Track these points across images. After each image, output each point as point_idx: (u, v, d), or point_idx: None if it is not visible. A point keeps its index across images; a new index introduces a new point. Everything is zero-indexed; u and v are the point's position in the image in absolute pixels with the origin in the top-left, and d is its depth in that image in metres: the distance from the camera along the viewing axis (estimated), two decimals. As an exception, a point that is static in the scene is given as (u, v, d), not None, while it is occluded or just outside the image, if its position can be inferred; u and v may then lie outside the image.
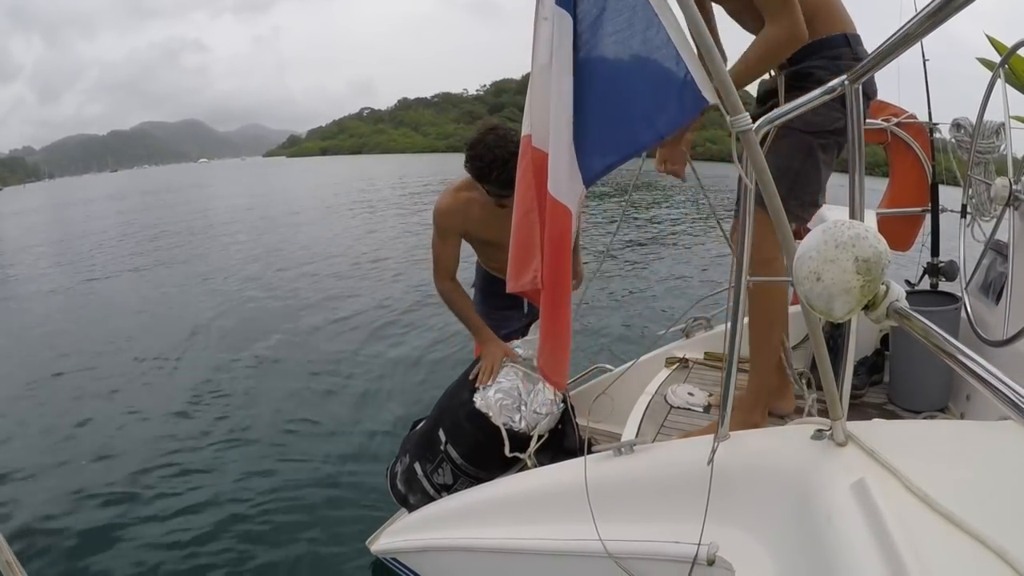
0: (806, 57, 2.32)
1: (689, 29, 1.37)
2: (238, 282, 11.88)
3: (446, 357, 7.20)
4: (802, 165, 2.38)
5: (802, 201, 2.44)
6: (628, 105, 1.65)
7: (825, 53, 2.30)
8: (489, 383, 2.77)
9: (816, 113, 2.29)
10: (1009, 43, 2.77)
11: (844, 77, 1.23)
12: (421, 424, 3.04)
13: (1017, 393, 0.67)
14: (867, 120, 3.54)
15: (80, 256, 17.01)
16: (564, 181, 1.77)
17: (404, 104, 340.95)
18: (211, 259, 14.87)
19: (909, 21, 0.98)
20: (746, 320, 2.67)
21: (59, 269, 15.64)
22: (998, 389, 0.70)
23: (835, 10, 2.33)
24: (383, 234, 17.89)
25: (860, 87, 1.23)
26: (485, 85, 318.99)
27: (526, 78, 2.02)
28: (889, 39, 1.07)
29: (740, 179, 1.46)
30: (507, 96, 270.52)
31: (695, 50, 1.42)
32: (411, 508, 2.95)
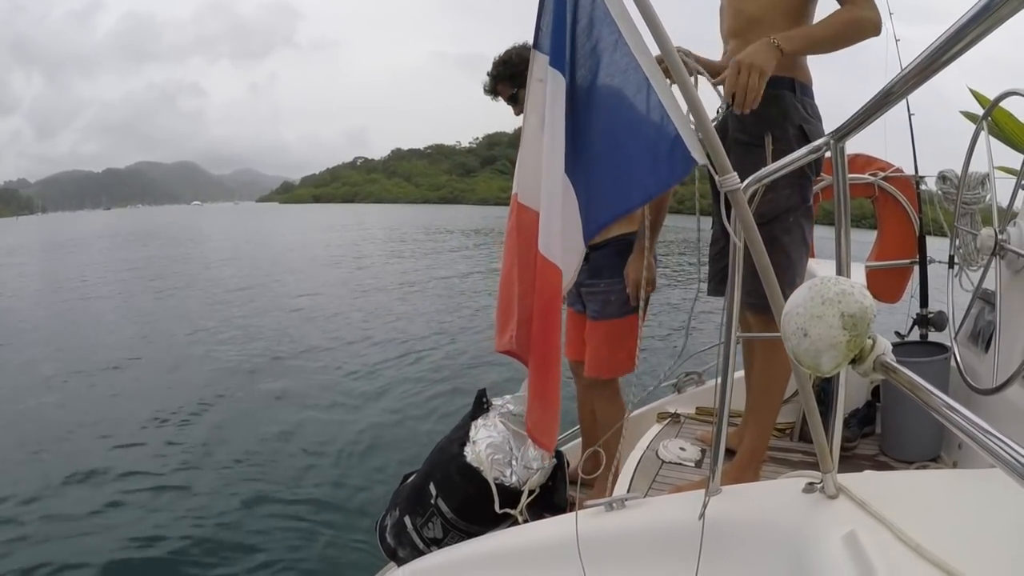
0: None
1: (680, 91, 1.40)
2: (230, 328, 11.94)
3: (438, 408, 7.18)
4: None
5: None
6: (619, 166, 1.67)
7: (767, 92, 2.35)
8: (479, 436, 2.76)
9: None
10: (991, 96, 2.82)
11: (828, 136, 1.25)
12: (412, 477, 3.01)
13: (1002, 443, 0.67)
14: (850, 175, 3.59)
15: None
16: (556, 241, 1.78)
17: (397, 154, 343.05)
18: (203, 304, 14.90)
19: (893, 79, 1.00)
20: (739, 375, 2.67)
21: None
22: (983, 439, 0.70)
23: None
24: (377, 285, 17.96)
25: (844, 145, 1.25)
26: (477, 138, 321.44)
27: (518, 132, 2.03)
28: (874, 97, 1.08)
29: (724, 235, 1.47)
30: (499, 149, 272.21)
31: (685, 112, 1.45)
32: (400, 562, 2.90)
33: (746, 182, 1.39)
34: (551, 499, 2.75)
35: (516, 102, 3.02)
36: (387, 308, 14.40)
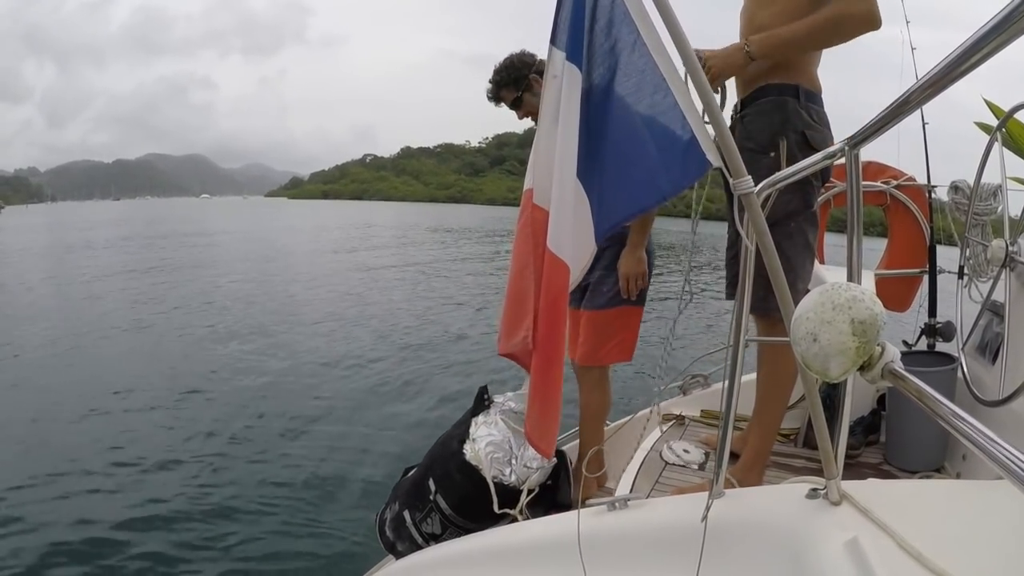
0: (756, 99, 2.41)
1: (696, 93, 1.40)
2: (234, 324, 11.90)
3: (441, 405, 7.18)
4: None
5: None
6: (634, 166, 1.66)
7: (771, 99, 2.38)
8: (479, 434, 2.76)
9: None
10: (1006, 107, 2.81)
11: (843, 142, 1.24)
12: (412, 471, 3.01)
13: (1010, 453, 0.67)
14: (863, 182, 3.58)
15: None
16: (567, 238, 1.77)
17: (407, 152, 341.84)
18: (209, 299, 14.87)
19: (910, 88, 0.99)
20: (748, 379, 2.67)
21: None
22: (991, 450, 0.70)
23: (799, 61, 2.40)
24: (383, 284, 17.97)
25: (859, 152, 1.25)
26: (487, 138, 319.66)
27: (527, 132, 2.03)
28: (890, 106, 1.08)
29: (740, 240, 1.47)
30: (508, 150, 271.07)
31: (701, 114, 1.44)
32: (398, 555, 2.91)
33: (760, 186, 1.38)
34: (554, 498, 2.75)
35: (519, 106, 3.03)
36: (395, 302, 14.43)
